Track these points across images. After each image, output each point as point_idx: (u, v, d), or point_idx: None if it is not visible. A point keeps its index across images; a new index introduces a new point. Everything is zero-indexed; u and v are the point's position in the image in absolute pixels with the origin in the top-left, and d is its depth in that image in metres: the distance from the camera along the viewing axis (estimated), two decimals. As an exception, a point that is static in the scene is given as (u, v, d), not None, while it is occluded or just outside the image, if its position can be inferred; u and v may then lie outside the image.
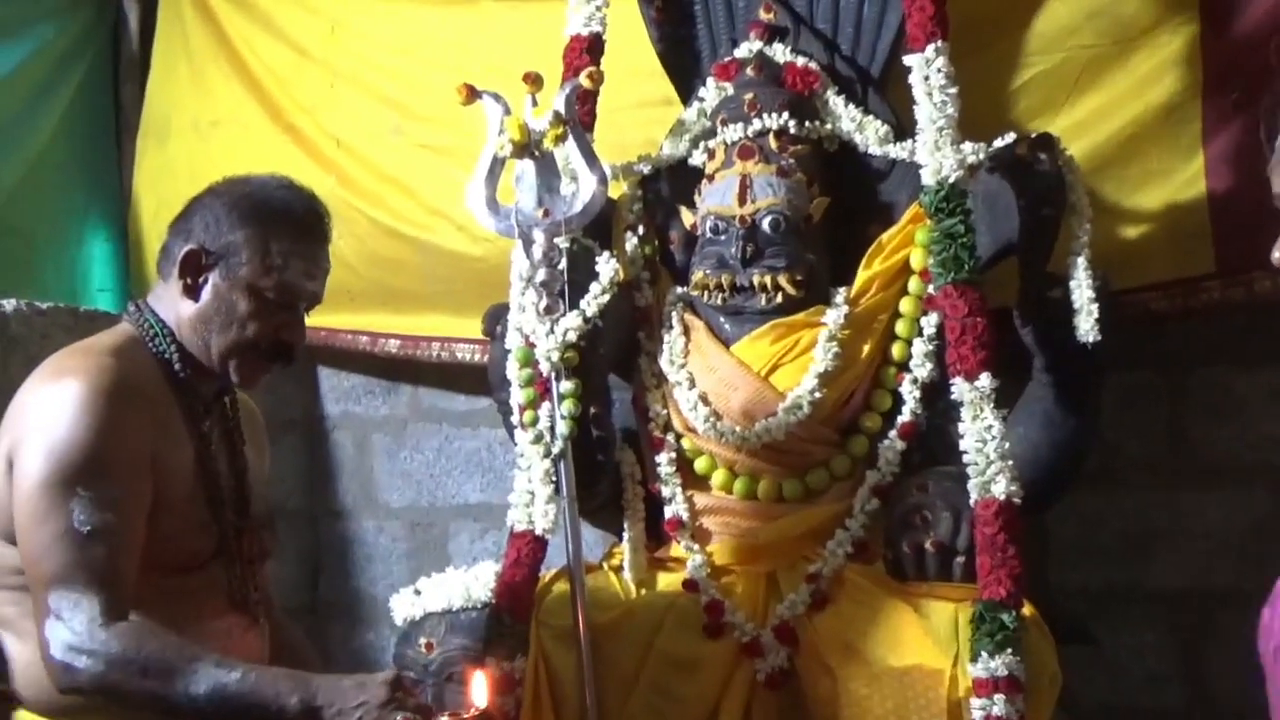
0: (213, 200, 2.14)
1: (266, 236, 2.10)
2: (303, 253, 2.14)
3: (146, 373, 2.08)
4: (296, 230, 2.14)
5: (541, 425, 2.48)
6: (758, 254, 2.60)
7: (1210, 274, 2.72)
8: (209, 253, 2.09)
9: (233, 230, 2.09)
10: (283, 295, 2.13)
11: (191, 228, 2.12)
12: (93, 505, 1.89)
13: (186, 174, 3.62)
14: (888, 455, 2.54)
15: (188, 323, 2.12)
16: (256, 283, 2.10)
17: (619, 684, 2.40)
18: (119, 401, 1.97)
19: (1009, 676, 2.14)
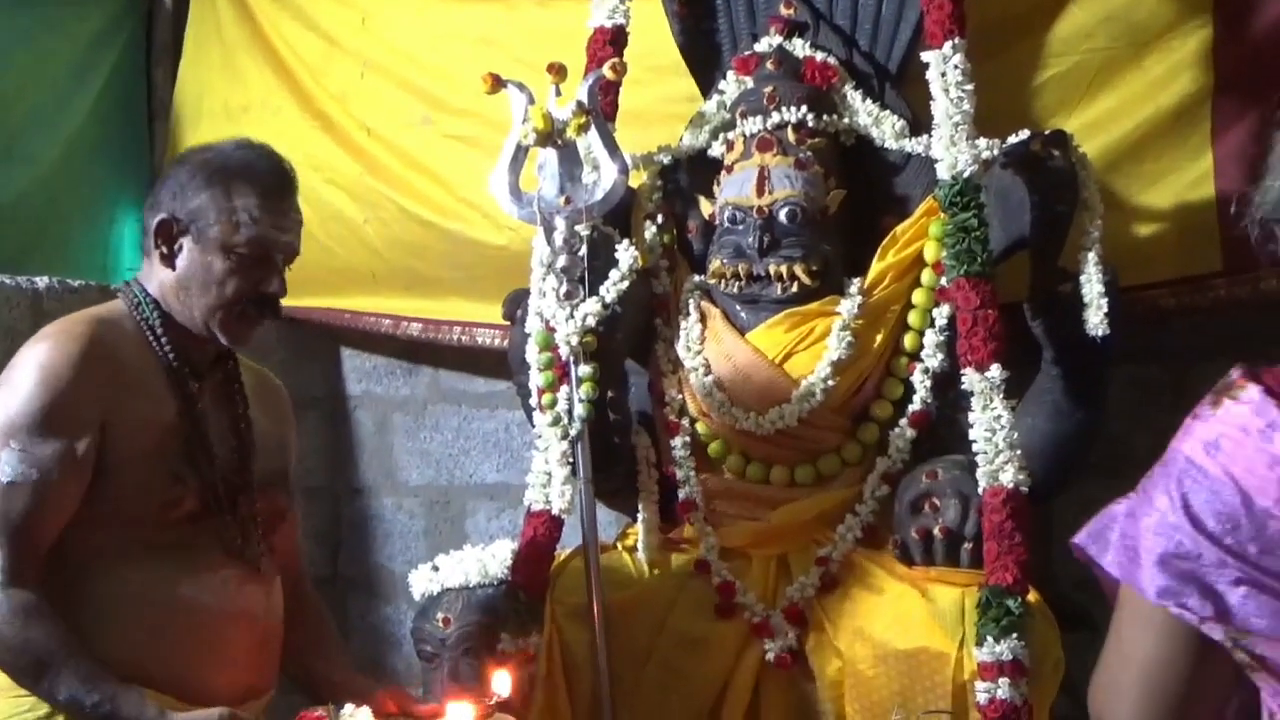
0: (177, 169, 2.15)
1: (231, 194, 2.09)
2: (269, 206, 2.12)
3: (125, 339, 2.09)
4: (260, 185, 2.12)
5: (560, 408, 2.50)
6: (774, 244, 2.60)
7: (1217, 272, 2.70)
8: (178, 220, 2.09)
9: (197, 194, 2.08)
10: (256, 249, 2.11)
11: (160, 199, 2.12)
12: (20, 459, 1.92)
13: (216, 157, 3.63)
14: (898, 443, 2.55)
15: (171, 291, 2.12)
16: (228, 241, 2.09)
17: (631, 661, 2.40)
18: (76, 363, 1.98)
19: (1014, 661, 2.15)
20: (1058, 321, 2.42)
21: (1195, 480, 1.24)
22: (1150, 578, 1.25)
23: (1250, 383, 1.25)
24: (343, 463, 3.69)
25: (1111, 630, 1.34)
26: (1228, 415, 1.25)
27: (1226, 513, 1.21)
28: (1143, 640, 1.28)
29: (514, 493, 2.60)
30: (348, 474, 3.68)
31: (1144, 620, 1.27)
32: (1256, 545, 1.20)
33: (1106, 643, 1.35)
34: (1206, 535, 1.22)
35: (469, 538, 3.44)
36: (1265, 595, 1.20)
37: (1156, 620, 1.26)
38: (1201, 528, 1.23)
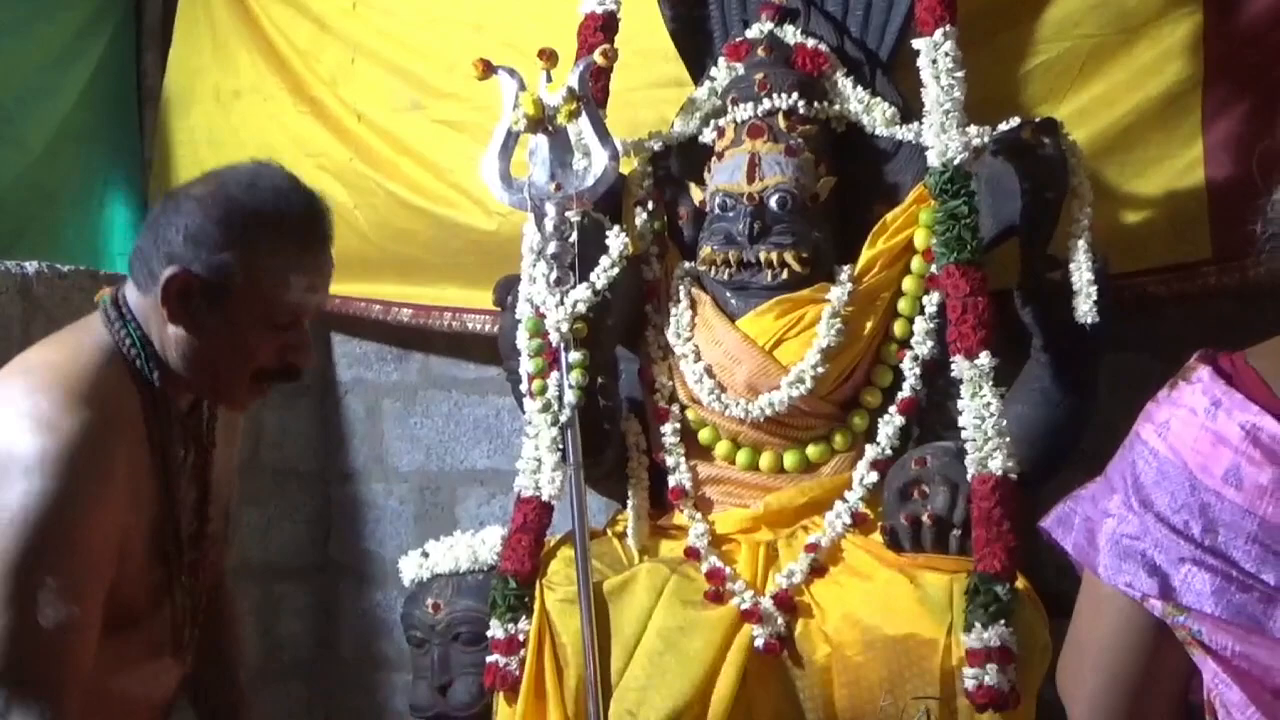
0: (194, 209, 1.70)
1: (263, 253, 1.71)
2: (305, 265, 1.76)
3: (124, 406, 1.72)
4: (296, 240, 1.75)
5: (550, 394, 2.50)
6: (765, 231, 2.59)
7: (1206, 260, 2.71)
8: (198, 277, 1.69)
9: (222, 249, 1.68)
10: (286, 316, 1.76)
11: (172, 242, 1.69)
12: (59, 596, 1.56)
13: (206, 143, 3.63)
14: (887, 430, 2.55)
15: (173, 345, 1.74)
16: (261, 309, 1.74)
17: (621, 647, 2.39)
18: (97, 468, 1.62)
19: (1001, 647, 2.15)
20: (1047, 309, 2.43)
21: (1146, 461, 1.26)
22: (1104, 560, 1.26)
23: (1202, 364, 1.28)
24: (333, 448, 3.68)
25: (1075, 613, 1.36)
26: (1180, 396, 1.27)
27: (1173, 491, 1.23)
28: (1099, 622, 1.30)
29: (504, 479, 2.60)
30: (338, 460, 3.67)
31: (1100, 602, 1.29)
32: (1200, 524, 1.21)
33: (1072, 624, 1.37)
34: (1154, 514, 1.24)
35: (459, 523, 3.43)
36: (1206, 574, 1.20)
37: (1112, 601, 1.27)
38: (1150, 507, 1.24)
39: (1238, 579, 1.20)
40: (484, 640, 2.48)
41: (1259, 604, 1.18)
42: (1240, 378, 1.24)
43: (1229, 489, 1.19)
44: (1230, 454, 1.20)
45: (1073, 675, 1.36)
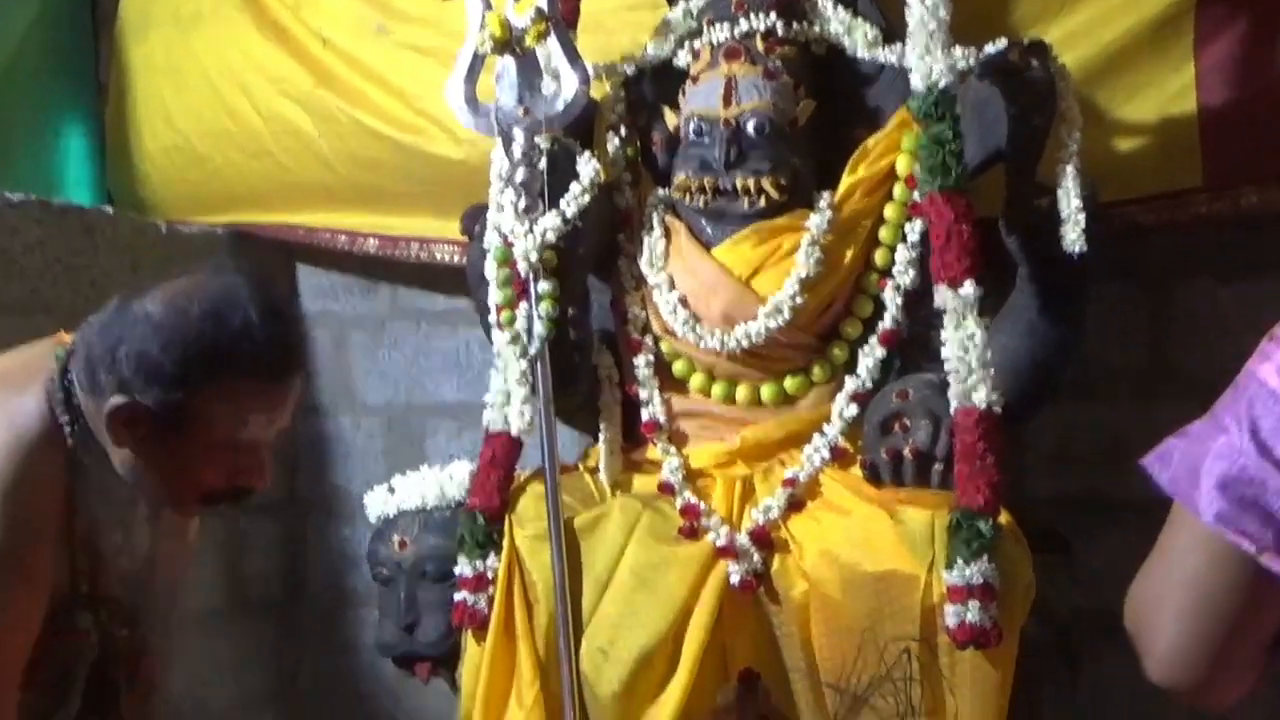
0: (149, 335, 1.58)
1: (220, 396, 1.60)
2: (266, 404, 1.65)
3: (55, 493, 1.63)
4: (258, 380, 1.63)
5: (519, 326, 2.43)
6: (741, 157, 2.51)
7: (1198, 188, 2.66)
8: (145, 409, 1.58)
9: (176, 387, 1.57)
10: (242, 448, 1.67)
11: (121, 366, 1.58)
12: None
13: (165, 69, 3.51)
14: (868, 362, 2.48)
15: (117, 459, 1.65)
16: (208, 447, 1.63)
17: (593, 584, 2.35)
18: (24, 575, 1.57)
19: (984, 584, 2.11)
20: (1034, 237, 2.36)
21: (1267, 405, 1.18)
22: (1208, 500, 1.19)
23: None
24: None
25: (1159, 548, 1.29)
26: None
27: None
28: (1194, 562, 1.23)
29: (475, 412, 2.54)
30: (305, 393, 3.60)
31: (1198, 542, 1.22)
32: None
33: (1151, 559, 1.29)
34: (1273, 461, 1.16)
35: (429, 458, 3.35)
36: None
37: (1212, 544, 1.21)
38: (1269, 454, 1.17)
39: None
40: (452, 578, 2.44)
41: None
42: None
43: None
44: None
45: (1155, 612, 1.28)
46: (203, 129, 3.40)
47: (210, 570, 3.36)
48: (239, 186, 3.42)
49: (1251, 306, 2.80)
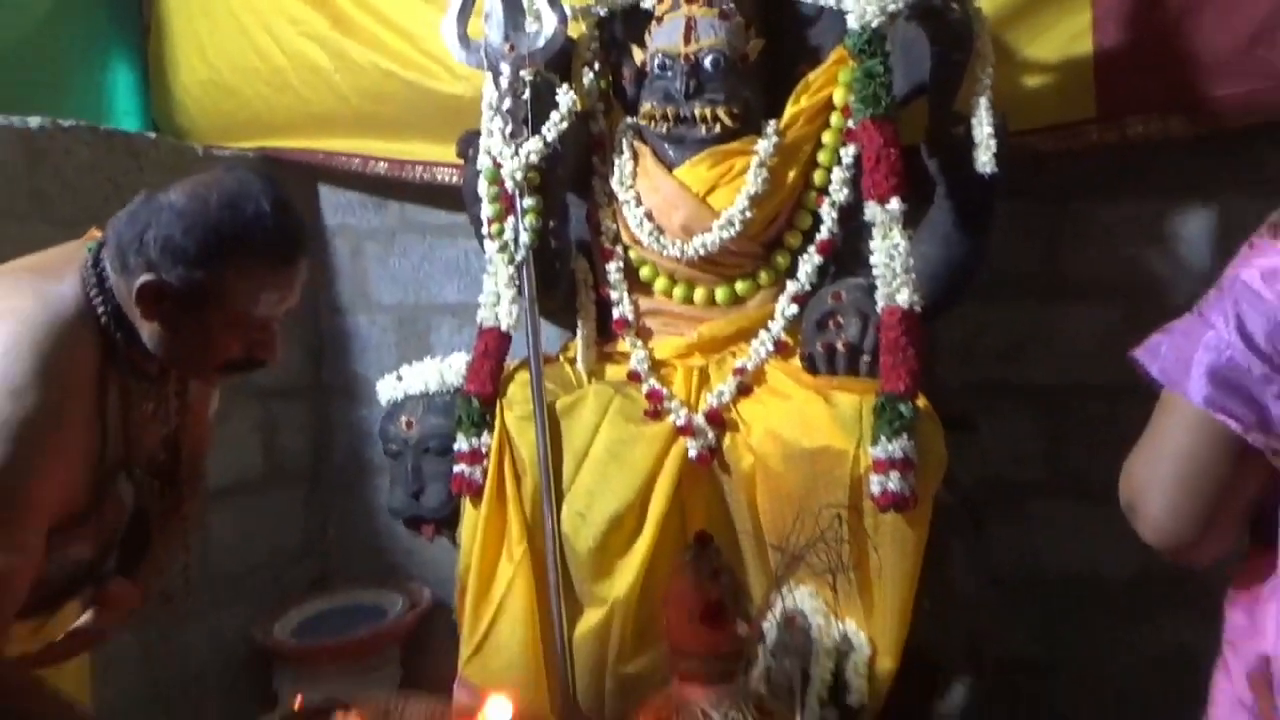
0: (174, 221, 1.50)
1: (235, 274, 1.51)
2: (275, 283, 1.55)
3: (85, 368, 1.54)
4: (268, 262, 1.54)
5: (507, 236, 2.36)
6: (699, 89, 2.42)
7: (1091, 118, 2.58)
8: (169, 285, 1.50)
9: (199, 266, 1.49)
10: (254, 326, 1.58)
11: (149, 248, 1.50)
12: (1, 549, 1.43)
13: (200, 12, 3.34)
14: (806, 268, 2.41)
15: (146, 332, 1.56)
16: (231, 319, 1.55)
17: (572, 457, 2.30)
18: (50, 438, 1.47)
19: (904, 457, 2.07)
20: (951, 160, 2.28)
21: (1251, 304, 1.19)
22: (1198, 386, 1.21)
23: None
24: (323, 286, 3.51)
25: (1151, 428, 1.30)
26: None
27: (1278, 334, 1.16)
28: (1185, 440, 1.24)
29: (472, 311, 2.48)
30: (328, 295, 3.52)
31: (1189, 423, 1.24)
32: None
33: (1144, 441, 1.31)
34: (1256, 352, 1.17)
35: (434, 350, 3.31)
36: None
37: (1201, 424, 1.22)
38: (1253, 345, 1.18)
39: None
40: (451, 452, 2.39)
41: None
42: None
43: None
44: None
45: (1149, 483, 1.30)
46: (233, 65, 3.26)
47: (250, 446, 3.32)
48: (266, 116, 3.28)
49: (1134, 222, 2.76)
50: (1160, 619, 2.75)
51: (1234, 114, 2.50)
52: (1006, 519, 2.79)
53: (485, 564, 2.32)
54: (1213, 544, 1.28)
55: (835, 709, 2.11)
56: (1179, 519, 1.26)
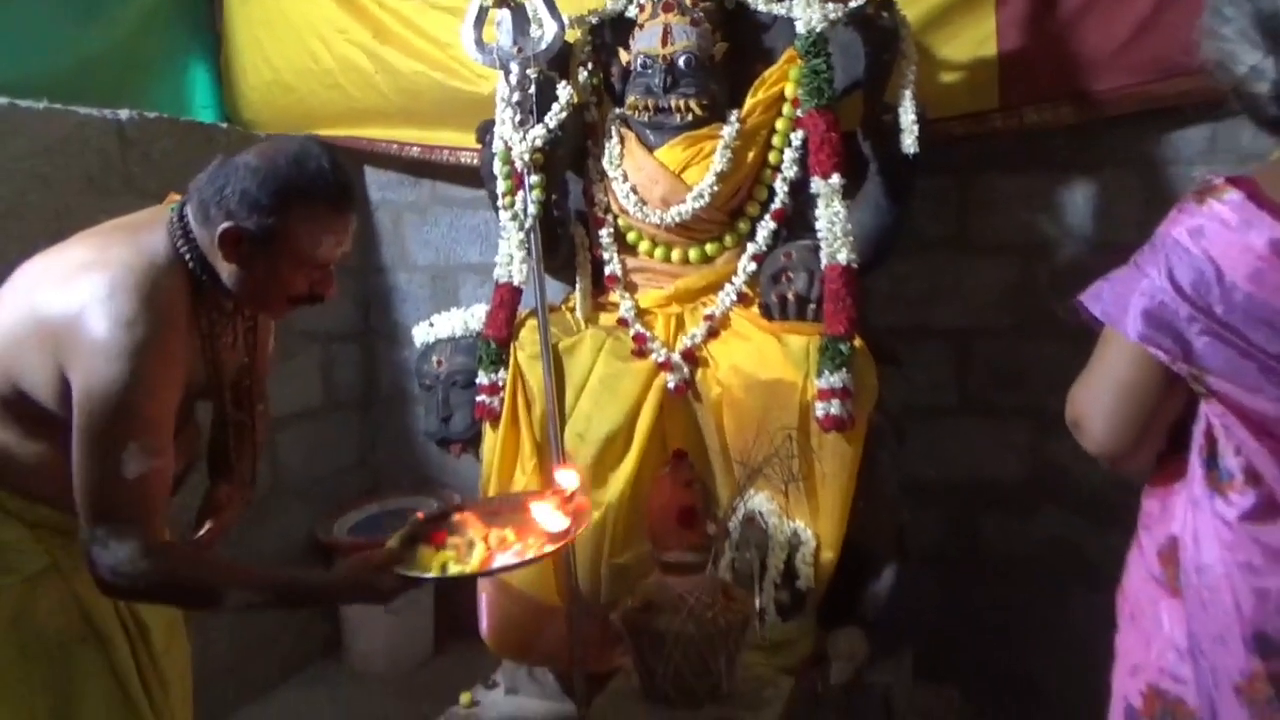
0: (249, 176, 1.46)
1: (301, 219, 1.47)
2: (334, 228, 1.52)
3: (180, 304, 1.49)
4: (328, 210, 1.50)
5: (517, 207, 2.29)
6: (675, 84, 2.34)
7: (994, 108, 2.52)
8: (246, 231, 1.46)
9: (271, 214, 1.45)
10: (317, 266, 1.54)
11: (229, 200, 1.46)
12: (140, 454, 1.40)
13: (262, 21, 3.20)
14: (763, 232, 2.35)
15: (225, 272, 1.51)
16: (299, 259, 1.51)
17: (573, 388, 2.26)
18: (161, 352, 1.43)
19: (843, 387, 2.05)
20: (882, 142, 2.23)
21: (1180, 257, 1.18)
22: (1134, 324, 1.21)
23: (1232, 187, 1.17)
24: (369, 250, 3.42)
25: (1095, 362, 1.29)
26: (1212, 211, 1.18)
27: (1203, 282, 1.16)
28: (1124, 369, 1.25)
29: (492, 269, 2.43)
30: (373, 258, 3.44)
31: (1125, 354, 1.24)
32: (1222, 307, 1.15)
33: (1089, 370, 1.31)
34: (1184, 297, 1.17)
35: (461, 302, 3.24)
36: (1221, 344, 1.16)
37: (1136, 355, 1.22)
38: (1181, 291, 1.17)
39: (1245, 350, 1.15)
40: (474, 385, 2.35)
41: (1259, 371, 1.15)
42: (1263, 202, 1.15)
43: (1250, 285, 1.14)
44: (1255, 260, 1.14)
45: (1092, 405, 1.29)
46: (291, 67, 3.15)
47: (312, 381, 3.26)
48: (318, 110, 3.18)
49: (1029, 193, 2.71)
50: (1045, 513, 2.74)
51: (1113, 104, 2.45)
52: (924, 435, 2.77)
53: (503, 476, 2.28)
54: (1144, 453, 1.29)
55: (787, 592, 2.09)
56: (1118, 434, 1.26)
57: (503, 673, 2.41)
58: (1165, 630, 1.27)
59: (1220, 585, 1.19)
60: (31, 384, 1.45)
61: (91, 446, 1.39)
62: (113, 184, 2.45)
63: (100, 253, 1.47)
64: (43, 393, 1.44)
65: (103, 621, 1.54)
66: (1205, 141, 2.54)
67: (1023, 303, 2.71)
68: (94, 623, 1.53)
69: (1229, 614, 1.19)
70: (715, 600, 1.78)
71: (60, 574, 1.51)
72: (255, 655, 2.89)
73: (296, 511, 3.12)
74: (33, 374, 1.44)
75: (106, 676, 1.55)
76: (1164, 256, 1.19)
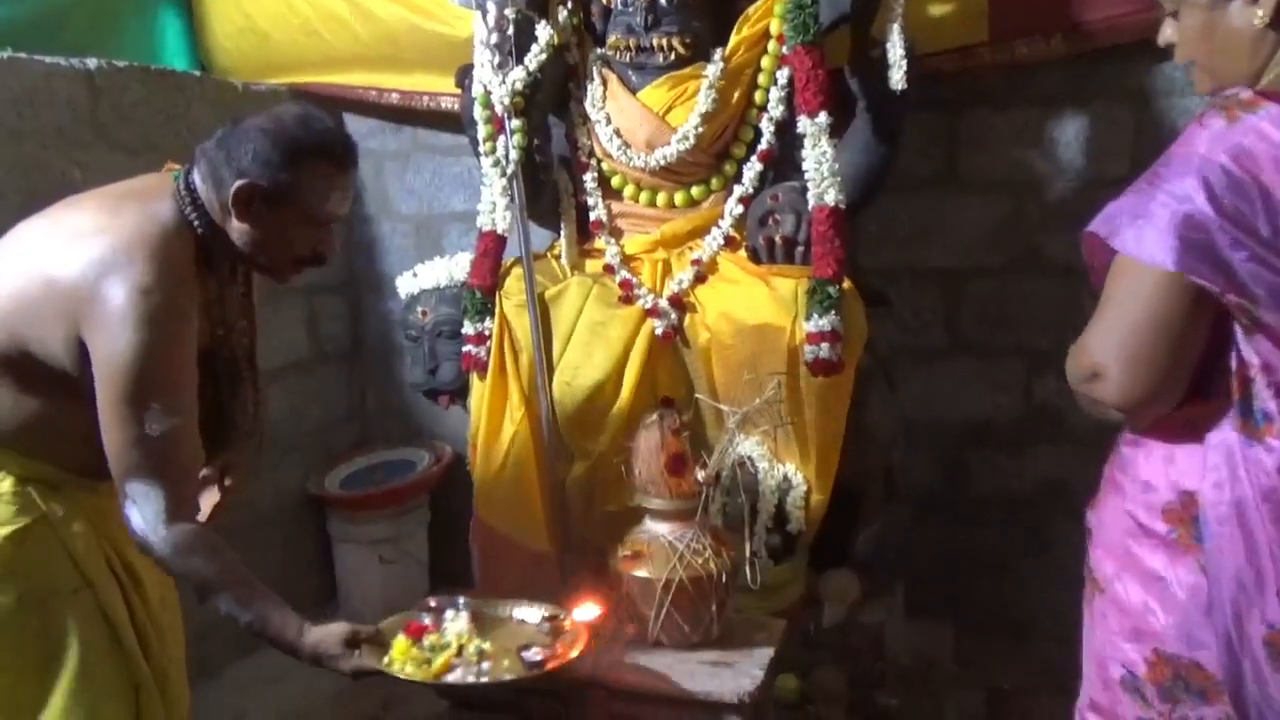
0: (261, 137, 1.53)
1: (314, 174, 1.54)
2: (339, 184, 1.58)
3: (190, 268, 1.54)
4: (334, 166, 1.57)
5: (499, 153, 2.24)
6: (657, 22, 2.28)
7: (984, 42, 2.46)
8: (259, 187, 1.52)
9: (283, 170, 1.51)
10: (321, 220, 1.59)
11: (241, 160, 1.52)
12: (162, 414, 1.45)
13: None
14: (749, 174, 2.31)
15: (235, 233, 1.56)
16: (306, 215, 1.56)
17: (560, 337, 2.23)
18: (178, 315, 1.48)
19: (832, 330, 2.02)
20: (869, 79, 2.17)
21: (1218, 175, 1.08)
22: (1169, 253, 1.09)
23: (1268, 100, 1.09)
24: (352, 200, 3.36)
25: (1111, 300, 1.18)
26: (1250, 126, 1.08)
27: (1245, 200, 1.07)
28: (1155, 302, 1.13)
29: (476, 217, 2.36)
30: (356, 206, 3.38)
31: (1157, 287, 1.12)
32: (1269, 228, 1.06)
33: (1104, 311, 1.19)
34: (1224, 214, 1.07)
35: (445, 251, 3.20)
36: (1267, 271, 1.07)
37: (1171, 288, 1.11)
38: (1220, 208, 1.08)
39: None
40: (460, 336, 2.32)
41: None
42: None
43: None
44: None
45: (1117, 349, 1.17)
46: (266, 14, 3.05)
47: (299, 333, 3.22)
48: (294, 56, 3.09)
49: (1015, 128, 2.66)
50: (1036, 453, 2.74)
51: (1104, 35, 2.40)
52: (914, 377, 2.76)
53: (491, 426, 2.26)
54: (1167, 399, 1.19)
55: (779, 535, 2.09)
56: (1147, 379, 1.16)
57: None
58: (1175, 591, 1.20)
59: (1257, 535, 1.13)
60: (41, 345, 1.48)
61: (116, 409, 1.45)
62: (83, 135, 2.39)
63: (112, 218, 1.50)
64: (54, 353, 1.48)
65: (94, 572, 1.57)
66: (1198, 72, 2.50)
67: (1014, 241, 2.69)
68: (85, 572, 1.56)
69: (1264, 564, 1.12)
70: (705, 546, 1.78)
71: (50, 525, 1.54)
72: (250, 608, 2.89)
73: (287, 466, 3.11)
74: (44, 335, 1.48)
75: (99, 625, 1.57)
76: (1201, 179, 1.09)
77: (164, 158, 1.75)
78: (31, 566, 1.53)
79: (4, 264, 1.51)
